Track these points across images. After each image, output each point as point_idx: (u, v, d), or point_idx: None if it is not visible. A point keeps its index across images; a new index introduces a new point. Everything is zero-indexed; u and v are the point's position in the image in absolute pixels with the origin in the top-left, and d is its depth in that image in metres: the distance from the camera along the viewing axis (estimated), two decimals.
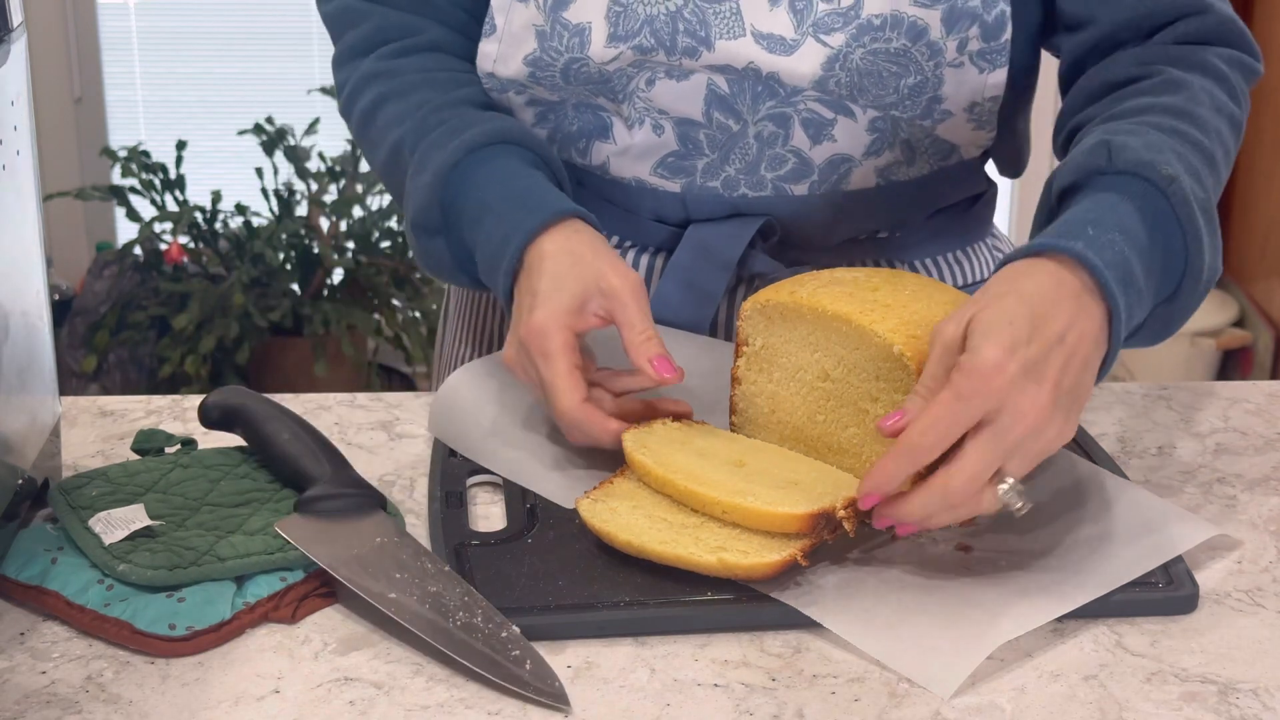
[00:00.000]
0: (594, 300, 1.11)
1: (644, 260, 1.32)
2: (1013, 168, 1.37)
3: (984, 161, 1.36)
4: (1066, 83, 1.25)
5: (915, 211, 1.33)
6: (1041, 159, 3.41)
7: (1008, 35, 1.20)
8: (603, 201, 1.30)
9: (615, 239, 1.32)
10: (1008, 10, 1.19)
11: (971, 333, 0.96)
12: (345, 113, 1.32)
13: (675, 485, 1.04)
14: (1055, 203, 1.10)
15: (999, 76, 1.22)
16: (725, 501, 1.01)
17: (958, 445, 0.95)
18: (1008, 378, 0.94)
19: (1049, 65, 1.30)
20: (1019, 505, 0.97)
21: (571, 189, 1.24)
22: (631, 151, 1.27)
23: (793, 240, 1.29)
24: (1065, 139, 1.22)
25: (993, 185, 1.40)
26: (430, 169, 1.19)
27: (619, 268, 1.11)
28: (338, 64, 1.32)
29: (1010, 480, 0.96)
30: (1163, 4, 1.19)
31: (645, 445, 1.08)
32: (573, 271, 1.11)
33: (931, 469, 0.96)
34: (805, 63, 1.19)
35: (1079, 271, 0.99)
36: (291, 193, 3.53)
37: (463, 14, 1.28)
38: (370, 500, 1.06)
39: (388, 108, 1.26)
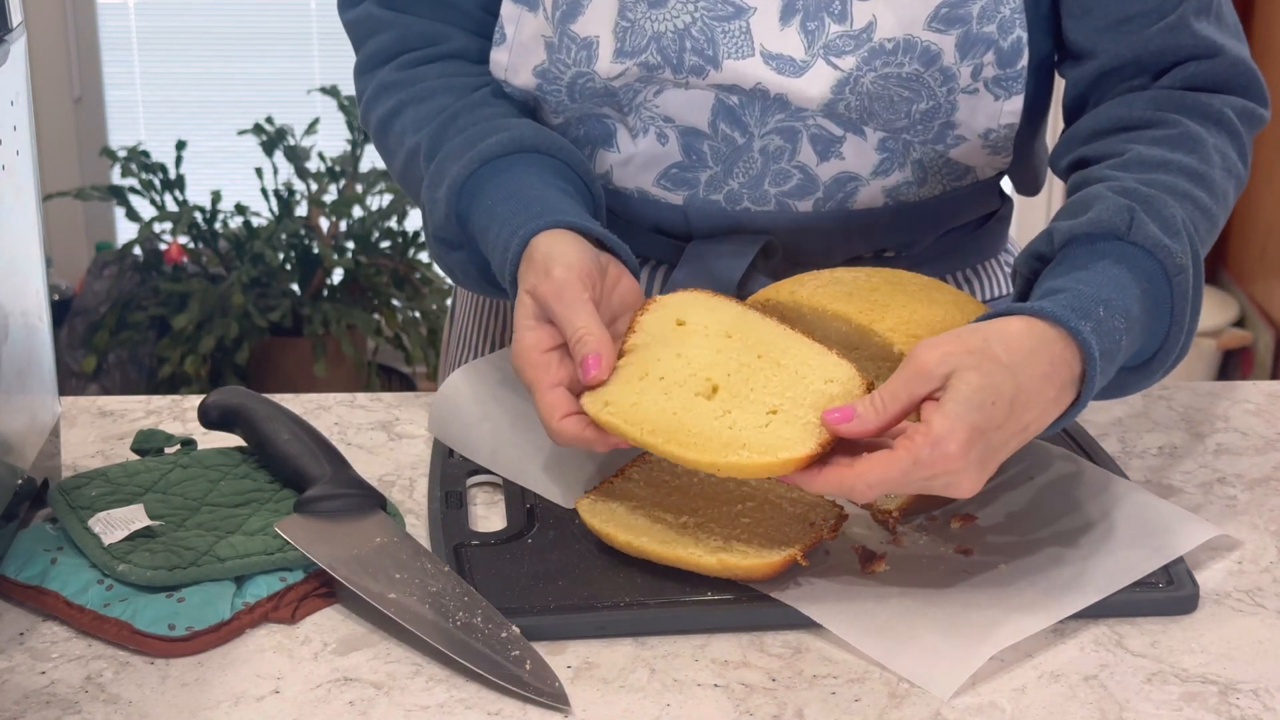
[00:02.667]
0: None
1: (644, 273, 1.31)
2: (1030, 188, 1.34)
3: (999, 180, 1.33)
4: (1070, 112, 1.23)
5: (924, 232, 1.30)
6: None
7: (1024, 62, 1.17)
8: (604, 211, 1.29)
9: None
10: (1024, 36, 1.16)
11: (954, 393, 0.94)
12: (364, 121, 1.30)
13: (658, 449, 0.98)
14: (1057, 248, 1.07)
15: (1015, 104, 1.19)
16: (720, 463, 0.96)
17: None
18: (966, 461, 0.94)
19: (1060, 84, 1.28)
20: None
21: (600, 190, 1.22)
22: (635, 161, 1.26)
23: (795, 258, 1.27)
24: (1069, 166, 1.19)
25: (1008, 202, 1.37)
26: (446, 181, 1.17)
27: (553, 269, 1.06)
28: (358, 73, 1.30)
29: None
30: (1171, 45, 1.17)
31: (607, 400, 1.02)
32: (530, 291, 1.07)
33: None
34: (815, 85, 1.17)
35: (1075, 360, 0.98)
36: (291, 193, 3.53)
37: (489, 18, 1.26)
38: (370, 500, 1.06)
39: (405, 114, 1.24)
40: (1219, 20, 1.19)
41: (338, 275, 3.55)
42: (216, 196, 3.51)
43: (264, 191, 3.53)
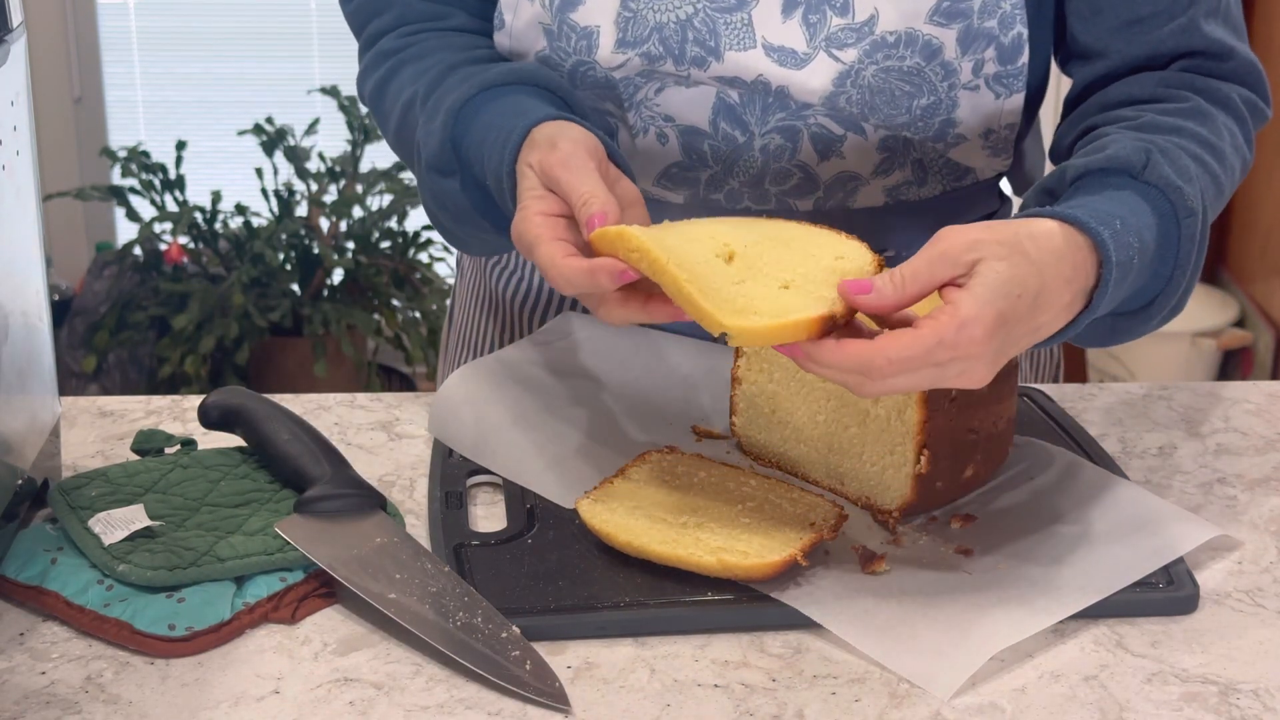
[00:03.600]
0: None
1: None
2: (1024, 189, 1.33)
3: (999, 180, 1.33)
4: (1072, 104, 1.23)
5: (924, 232, 1.29)
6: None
7: (1024, 59, 1.18)
8: None
9: None
10: (1025, 33, 1.17)
11: (983, 279, 0.93)
12: (360, 92, 1.29)
13: (679, 284, 0.94)
14: (1069, 183, 1.07)
15: (1015, 102, 1.20)
16: (732, 325, 0.92)
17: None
18: (986, 347, 0.93)
19: (1056, 84, 1.28)
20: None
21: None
22: (635, 161, 1.25)
23: None
24: (1075, 139, 1.19)
25: (1007, 203, 1.37)
26: (444, 109, 1.15)
27: (559, 143, 1.04)
28: (360, 52, 1.29)
29: None
30: (1183, 45, 1.17)
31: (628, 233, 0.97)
32: (534, 164, 1.05)
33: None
34: (816, 77, 1.17)
35: (1093, 269, 0.98)
36: (291, 193, 3.53)
37: (488, 6, 1.25)
38: (370, 500, 1.06)
39: (404, 71, 1.23)
40: (1227, 21, 1.19)
41: (338, 275, 3.55)
42: (216, 196, 3.51)
43: (264, 192, 3.53)
